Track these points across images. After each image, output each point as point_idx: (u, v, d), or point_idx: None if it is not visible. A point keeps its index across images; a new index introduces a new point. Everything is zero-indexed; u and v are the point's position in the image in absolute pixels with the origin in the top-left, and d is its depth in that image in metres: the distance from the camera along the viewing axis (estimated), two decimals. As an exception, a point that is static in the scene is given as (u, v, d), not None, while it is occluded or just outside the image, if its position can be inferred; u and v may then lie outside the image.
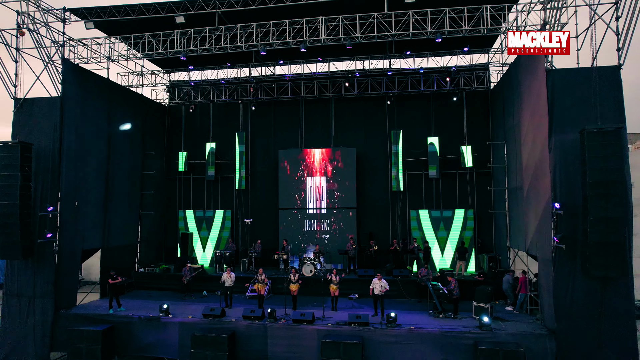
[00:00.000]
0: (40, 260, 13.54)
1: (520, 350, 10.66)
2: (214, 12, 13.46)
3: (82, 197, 14.62)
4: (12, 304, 13.68)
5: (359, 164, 18.93)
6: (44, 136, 13.88)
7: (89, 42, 14.84)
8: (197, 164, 20.39)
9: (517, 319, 12.72)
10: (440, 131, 18.43)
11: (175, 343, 12.81)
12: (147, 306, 14.39)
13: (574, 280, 10.87)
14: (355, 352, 11.24)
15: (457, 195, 18.34)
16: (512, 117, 14.76)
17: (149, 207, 18.65)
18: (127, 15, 13.95)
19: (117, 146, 16.67)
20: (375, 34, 12.75)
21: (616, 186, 10.08)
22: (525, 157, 13.23)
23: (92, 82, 15.48)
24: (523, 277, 13.58)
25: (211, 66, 19.60)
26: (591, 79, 10.90)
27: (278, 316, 12.73)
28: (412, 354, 11.58)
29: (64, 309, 13.74)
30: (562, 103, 11.21)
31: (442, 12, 12.30)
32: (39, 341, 13.38)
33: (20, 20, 13.67)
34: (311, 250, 18.05)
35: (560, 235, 10.76)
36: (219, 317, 12.91)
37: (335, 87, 19.06)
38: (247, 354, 12.38)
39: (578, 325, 10.80)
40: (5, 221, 12.95)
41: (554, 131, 11.20)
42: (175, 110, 21.01)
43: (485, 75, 18.14)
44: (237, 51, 13.87)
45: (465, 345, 11.34)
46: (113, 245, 16.49)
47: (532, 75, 12.38)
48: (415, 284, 15.15)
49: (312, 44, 13.23)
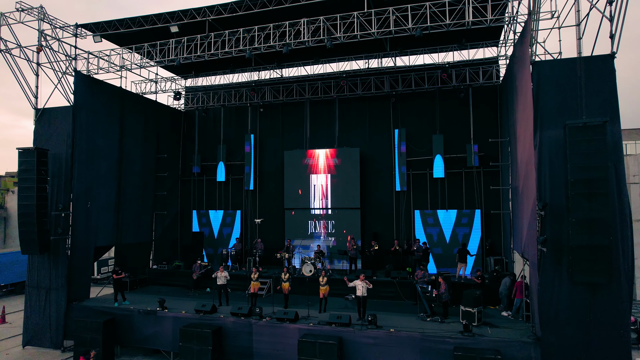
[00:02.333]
0: (55, 256, 14.83)
1: (498, 358, 10.15)
2: (204, 20, 14.03)
3: (94, 197, 15.79)
4: (33, 294, 15.10)
5: (363, 163, 18.80)
6: (59, 142, 15.16)
7: (99, 54, 15.95)
8: (210, 165, 21.22)
9: (509, 325, 12.10)
10: (446, 129, 17.86)
11: (169, 336, 13.50)
12: (152, 301, 15.24)
13: (560, 286, 10.15)
14: (330, 352, 11.27)
15: (464, 195, 17.65)
16: (512, 113, 14.03)
17: (164, 207, 19.70)
18: (129, 27, 14.88)
19: (130, 150, 17.80)
20: (357, 33, 12.66)
21: (600, 185, 9.32)
22: (520, 154, 12.55)
23: (103, 90, 16.67)
24: (519, 281, 12.88)
25: (219, 71, 20.31)
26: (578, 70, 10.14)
27: (265, 314, 13.02)
28: (391, 357, 11.40)
29: (76, 301, 14.94)
30: (547, 97, 10.52)
31: (422, 7, 11.98)
32: (54, 329, 14.67)
33: (39, 37, 15.03)
34: (313, 250, 18.19)
35: (543, 238, 10.10)
36: (209, 313, 13.44)
37: (339, 87, 19.04)
38: (234, 349, 12.80)
39: (564, 333, 10.08)
40: (24, 220, 14.38)
41: (540, 127, 10.53)
42: (190, 115, 22.00)
43: (492, 70, 17.31)
44: (227, 57, 14.33)
45: (445, 350, 10.98)
46: (125, 243, 17.60)
47: (522, 67, 11.72)
48: (413, 286, 14.84)
49: (296, 46, 13.38)
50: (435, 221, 17.73)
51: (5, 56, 14.73)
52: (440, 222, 17.63)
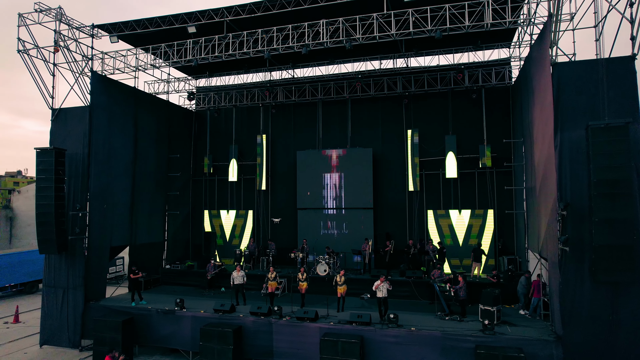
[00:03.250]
0: (72, 256, 14.90)
1: (522, 356, 10.26)
2: (222, 20, 14.11)
3: (110, 197, 15.86)
4: (50, 294, 15.16)
5: (376, 164, 18.91)
6: (75, 142, 15.22)
7: (114, 54, 16.00)
8: (221, 165, 21.29)
9: (527, 323, 12.23)
10: (458, 130, 18.00)
11: (188, 335, 13.58)
12: (170, 300, 15.30)
13: (582, 285, 10.28)
14: (353, 350, 11.36)
15: (477, 195, 17.79)
16: (528, 114, 14.16)
17: (174, 207, 19.77)
18: (146, 27, 14.94)
19: (144, 150, 17.87)
20: (376, 34, 12.77)
21: (623, 185, 9.45)
22: (537, 155, 12.67)
23: (119, 91, 16.74)
24: (537, 280, 13.01)
25: (233, 72, 20.39)
26: (600, 71, 10.27)
27: (284, 313, 13.11)
28: (412, 355, 11.51)
29: (93, 301, 15.00)
30: (568, 98, 10.65)
31: (442, 8, 12.09)
32: (71, 329, 14.74)
33: (58, 38, 15.08)
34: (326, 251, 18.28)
35: (565, 238, 10.22)
36: (228, 313, 13.51)
37: (351, 88, 19.16)
38: (253, 348, 12.88)
39: (587, 331, 10.21)
40: (43, 220, 14.43)
41: (560, 128, 10.64)
42: (203, 115, 22.07)
43: (505, 71, 17.45)
44: (244, 57, 14.41)
45: (466, 349, 11.10)
46: (139, 243, 17.67)
47: (540, 69, 11.84)
48: (428, 286, 14.95)
49: (315, 47, 13.47)
50: (448, 221, 17.84)
51: (23, 56, 14.77)
52: (453, 222, 17.74)
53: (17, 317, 18.33)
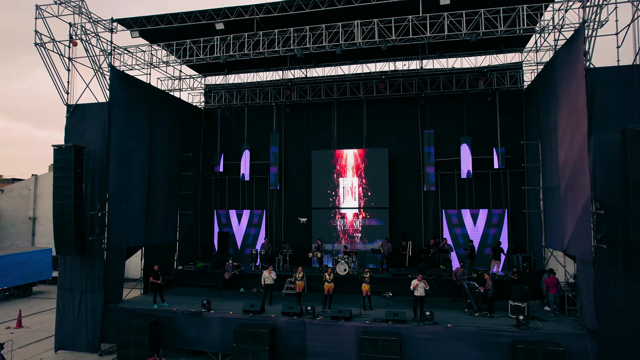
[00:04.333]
0: (90, 257, 14.38)
1: (561, 349, 10.66)
2: (252, 18, 13.97)
3: (127, 197, 15.41)
4: (66, 297, 14.58)
5: (391, 164, 19.13)
6: (93, 140, 14.69)
7: (134, 50, 15.57)
8: (232, 165, 21.02)
9: (554, 319, 12.70)
10: (473, 131, 18.44)
11: (216, 337, 13.35)
12: (188, 302, 15.03)
13: (616, 281, 10.79)
14: (393, 347, 11.50)
15: (491, 195, 18.28)
16: (547, 116, 14.67)
17: (186, 207, 19.38)
18: (170, 23, 14.61)
19: (158, 148, 17.45)
20: (411, 37, 12.95)
21: (660, 185, 9.97)
22: (562, 156, 13.15)
23: (136, 87, 16.29)
24: (549, 278, 13.55)
25: (246, 70, 20.18)
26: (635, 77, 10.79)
27: (316, 313, 13.10)
28: (448, 351, 11.75)
29: (112, 303, 14.54)
30: (602, 102, 11.13)
31: (477, 13, 12.40)
32: (90, 332, 14.22)
33: (73, 32, 14.54)
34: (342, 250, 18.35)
35: (601, 236, 10.69)
36: (258, 313, 13.39)
37: (367, 88, 19.31)
38: (287, 349, 12.81)
39: (621, 325, 10.71)
40: (61, 220, 13.86)
41: (594, 131, 11.13)
42: (212, 113, 21.72)
43: (518, 75, 18.02)
44: (274, 55, 14.31)
45: (503, 344, 11.42)
46: (154, 243, 17.24)
47: (570, 74, 12.30)
48: (450, 283, 15.25)
49: (347, 47, 13.54)
50: (462, 221, 18.25)
51: (40, 50, 14.17)
52: (467, 221, 18.16)
53: (20, 322, 17.52)
